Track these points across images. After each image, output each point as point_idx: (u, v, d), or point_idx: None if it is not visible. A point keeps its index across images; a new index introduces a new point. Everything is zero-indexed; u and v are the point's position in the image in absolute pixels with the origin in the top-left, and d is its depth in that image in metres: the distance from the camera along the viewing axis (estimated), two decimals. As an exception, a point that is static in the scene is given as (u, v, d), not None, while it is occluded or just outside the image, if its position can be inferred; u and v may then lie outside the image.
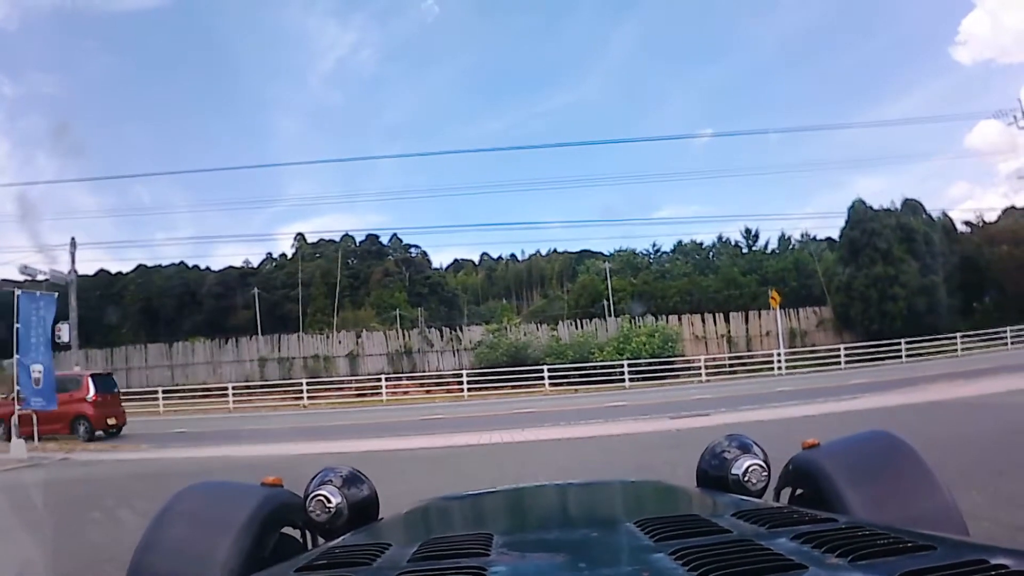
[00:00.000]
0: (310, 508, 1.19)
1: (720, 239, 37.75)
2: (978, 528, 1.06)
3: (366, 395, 24.00)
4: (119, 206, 53.94)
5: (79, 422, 12.84)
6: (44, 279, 18.84)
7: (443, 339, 28.28)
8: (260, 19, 58.93)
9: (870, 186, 65.26)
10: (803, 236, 35.00)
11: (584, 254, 44.83)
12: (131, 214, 49.64)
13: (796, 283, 29.85)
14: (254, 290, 35.63)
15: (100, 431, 13.01)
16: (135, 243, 65.59)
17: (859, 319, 25.66)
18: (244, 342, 29.05)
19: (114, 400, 14.06)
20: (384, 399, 22.85)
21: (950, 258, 27.09)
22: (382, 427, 12.96)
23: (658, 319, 27.05)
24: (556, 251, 48.81)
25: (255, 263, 42.28)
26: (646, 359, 23.53)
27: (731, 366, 24.95)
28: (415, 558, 0.71)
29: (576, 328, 27.80)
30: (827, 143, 56.41)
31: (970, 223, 31.31)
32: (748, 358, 25.56)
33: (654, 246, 40.14)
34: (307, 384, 23.82)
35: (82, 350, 23.36)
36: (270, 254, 43.88)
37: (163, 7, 54.00)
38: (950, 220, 30.64)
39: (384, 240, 43.97)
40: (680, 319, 27.54)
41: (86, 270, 31.12)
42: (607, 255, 39.81)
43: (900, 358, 22.34)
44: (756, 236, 36.27)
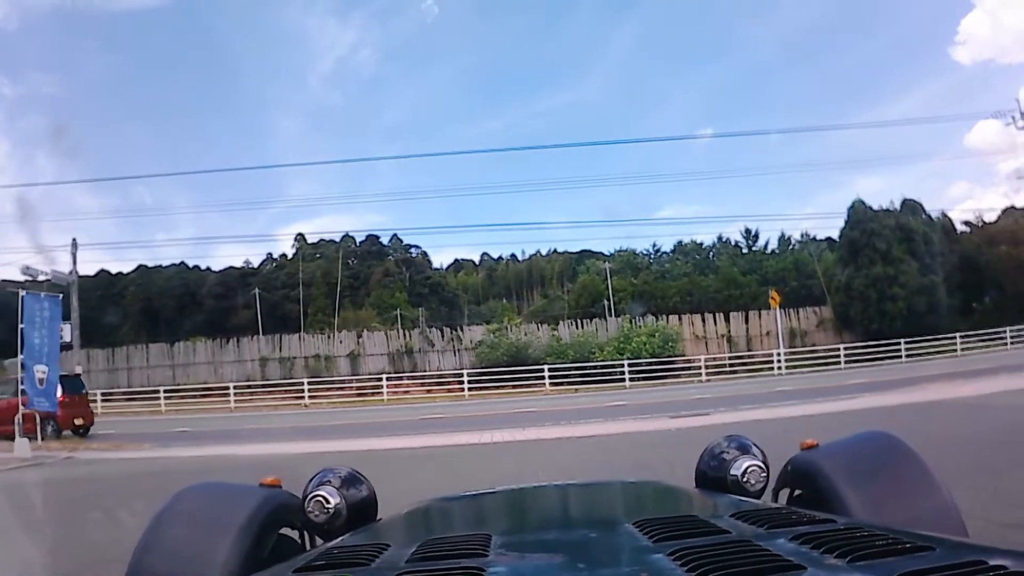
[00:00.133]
0: (308, 509, 1.19)
1: (720, 239, 37.84)
2: (970, 525, 1.06)
3: (367, 395, 24.03)
4: (120, 207, 54.14)
5: (47, 422, 13.05)
6: (45, 279, 18.87)
7: (444, 339, 28.30)
8: (260, 19, 58.89)
9: (870, 186, 65.29)
10: (803, 236, 35.08)
11: (584, 254, 44.80)
12: (132, 214, 49.70)
13: (796, 283, 29.85)
14: (255, 290, 35.63)
15: (67, 431, 13.41)
16: (136, 243, 65.85)
17: (859, 319, 25.67)
18: (245, 342, 29.08)
19: (81, 401, 14.61)
20: (385, 399, 22.88)
21: (949, 258, 27.10)
22: (383, 426, 12.97)
23: (658, 319, 27.07)
24: (556, 251, 48.75)
25: (256, 263, 42.32)
26: (646, 359, 23.55)
27: (731, 366, 24.96)
28: (413, 558, 0.72)
29: (576, 328, 27.83)
30: (827, 143, 56.32)
31: (969, 223, 31.35)
32: (748, 358, 25.57)
33: (654, 246, 40.22)
34: (308, 384, 23.86)
35: (84, 350, 23.36)
36: (271, 254, 43.90)
37: (163, 7, 53.99)
38: (949, 220, 30.69)
39: (384, 240, 43.99)
40: (680, 319, 27.56)
41: (87, 270, 31.19)
42: (607, 255, 39.85)
43: (900, 358, 22.34)
44: (756, 236, 36.33)
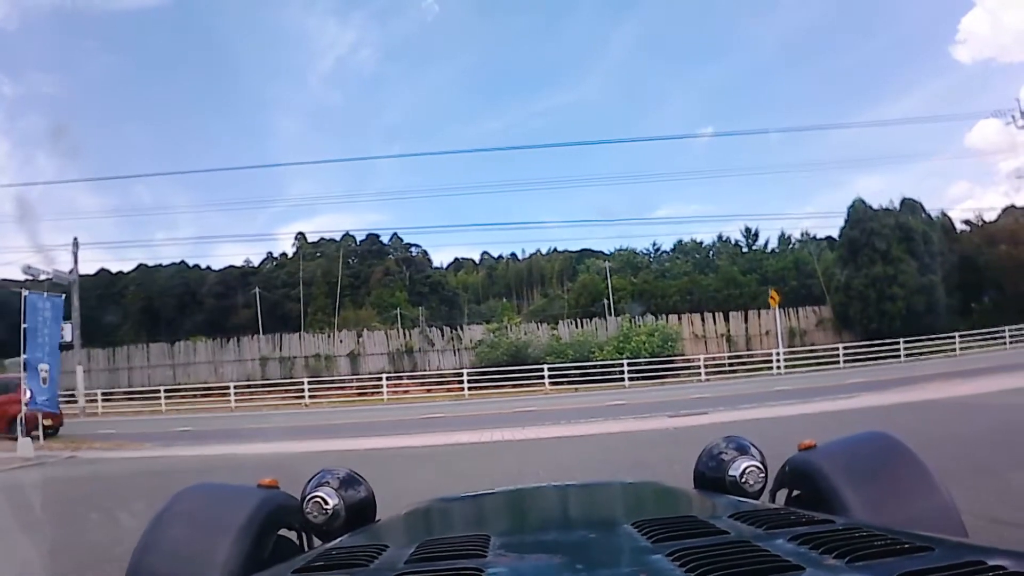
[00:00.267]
0: (307, 510, 1.19)
1: (720, 238, 37.79)
2: (968, 525, 1.07)
3: (367, 394, 24.02)
4: (120, 206, 54.13)
5: (16, 422, 13.15)
6: (46, 279, 18.90)
7: (444, 338, 28.29)
8: (260, 19, 58.90)
9: (870, 186, 65.34)
10: (803, 236, 35.02)
11: (584, 253, 44.80)
12: (132, 214, 49.61)
13: (796, 282, 29.84)
14: (255, 289, 35.62)
15: (35, 431, 13.40)
16: (136, 243, 65.73)
17: (858, 318, 25.66)
18: (245, 341, 29.07)
19: None
20: (385, 398, 22.87)
21: (949, 258, 27.08)
22: (383, 426, 12.97)
23: (658, 318, 27.07)
24: (556, 250, 48.75)
25: (256, 262, 42.28)
26: (646, 358, 23.54)
27: (730, 365, 24.94)
28: (412, 559, 0.71)
29: (576, 327, 27.82)
30: (827, 143, 56.24)
31: (969, 222, 31.31)
32: (747, 357, 25.56)
33: (654, 245, 40.22)
34: (308, 383, 23.83)
35: (84, 349, 23.39)
36: (271, 253, 43.87)
37: (163, 7, 54.02)
38: (949, 220, 30.67)
39: (385, 239, 43.97)
40: (680, 318, 27.55)
41: (87, 270, 31.11)
42: (607, 254, 39.87)
43: (898, 357, 22.35)
44: (756, 235, 36.32)
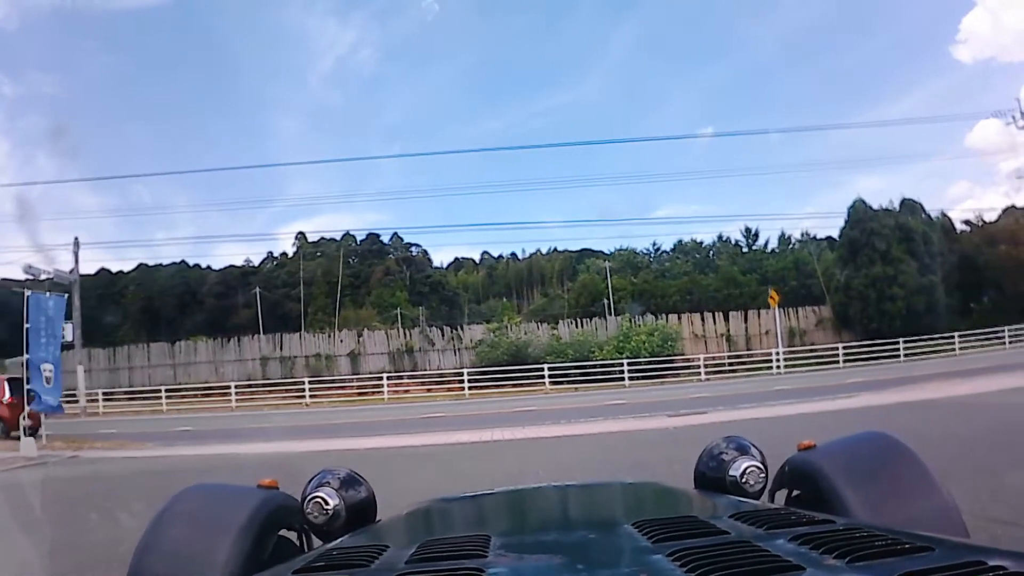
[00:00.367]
0: (307, 510, 1.18)
1: (720, 238, 37.84)
2: (968, 524, 1.07)
3: (367, 394, 24.03)
4: (120, 206, 54.03)
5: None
6: (47, 278, 18.92)
7: (444, 338, 28.30)
8: (260, 19, 58.75)
9: (870, 186, 65.17)
10: (803, 236, 35.05)
11: (584, 253, 44.77)
12: (132, 214, 49.52)
13: (795, 282, 29.85)
14: (255, 289, 35.63)
15: (13, 431, 13.47)
16: (136, 243, 65.49)
17: (858, 318, 25.67)
18: (246, 341, 29.08)
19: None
20: (385, 398, 22.88)
21: (949, 258, 27.09)
22: (384, 425, 12.97)
23: (658, 318, 27.07)
24: (556, 250, 48.68)
25: (256, 262, 42.25)
26: (646, 358, 23.54)
27: (730, 365, 24.95)
28: (412, 559, 0.71)
29: (576, 327, 27.82)
30: (827, 143, 56.15)
31: (969, 223, 31.34)
32: (747, 357, 25.56)
33: (654, 245, 40.23)
34: (309, 383, 23.84)
35: (85, 349, 23.40)
36: (271, 253, 43.82)
37: (163, 7, 53.94)
38: (949, 220, 30.69)
39: (385, 239, 43.95)
40: (680, 318, 27.56)
41: (87, 269, 31.10)
42: (607, 254, 39.87)
43: (898, 357, 22.35)
44: (756, 235, 36.34)
